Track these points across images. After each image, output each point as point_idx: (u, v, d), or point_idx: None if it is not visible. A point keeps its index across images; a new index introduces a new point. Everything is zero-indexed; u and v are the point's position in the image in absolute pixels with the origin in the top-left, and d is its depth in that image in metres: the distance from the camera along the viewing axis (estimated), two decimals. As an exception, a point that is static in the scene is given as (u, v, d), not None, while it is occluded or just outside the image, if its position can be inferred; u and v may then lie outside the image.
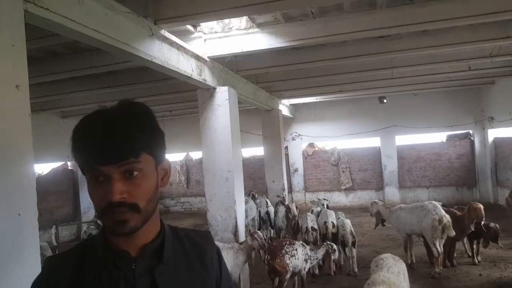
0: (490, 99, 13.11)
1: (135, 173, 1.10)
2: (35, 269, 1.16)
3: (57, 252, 5.19)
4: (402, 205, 7.86)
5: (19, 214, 2.61)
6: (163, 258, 1.21)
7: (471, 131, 14.17)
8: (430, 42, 6.88)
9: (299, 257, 5.95)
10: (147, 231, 1.19)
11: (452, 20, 5.40)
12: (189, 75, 5.74)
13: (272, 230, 9.73)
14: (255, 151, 15.69)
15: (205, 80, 6.29)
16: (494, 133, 13.30)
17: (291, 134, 15.58)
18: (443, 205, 7.22)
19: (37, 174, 12.36)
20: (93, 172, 1.09)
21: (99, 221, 9.87)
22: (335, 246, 6.51)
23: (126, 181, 1.09)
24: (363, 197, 14.90)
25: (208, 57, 6.18)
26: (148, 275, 1.17)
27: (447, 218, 6.60)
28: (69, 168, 13.85)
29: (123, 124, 1.09)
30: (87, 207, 13.75)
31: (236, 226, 6.71)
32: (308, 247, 6.31)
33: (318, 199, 9.85)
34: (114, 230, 1.11)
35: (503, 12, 5.14)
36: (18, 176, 2.66)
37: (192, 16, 4.66)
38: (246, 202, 8.76)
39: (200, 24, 5.90)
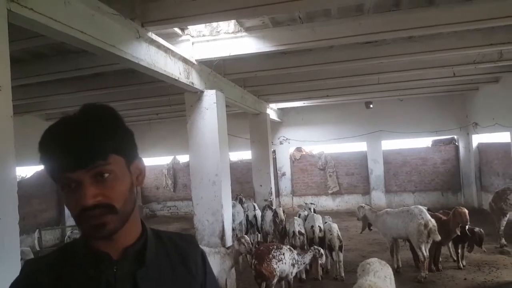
0: (474, 105, 13.31)
1: (106, 175, 1.08)
2: (16, 275, 1.14)
3: (39, 257, 5.07)
4: (389, 209, 7.90)
5: (-1, 218, 2.55)
6: (145, 261, 1.19)
7: (455, 137, 14.35)
8: (416, 48, 6.96)
9: (286, 262, 5.93)
10: (128, 233, 1.17)
11: (438, 27, 5.48)
12: (177, 78, 5.70)
13: (259, 234, 9.71)
14: (243, 155, 15.66)
15: (192, 83, 6.26)
16: (478, 138, 13.48)
17: (278, 138, 15.59)
18: (428, 210, 7.28)
19: (20, 177, 12.14)
20: (64, 180, 1.07)
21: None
22: (322, 251, 6.50)
23: (98, 184, 1.07)
24: (349, 201, 14.96)
25: (196, 60, 6.15)
26: (130, 278, 1.15)
27: (432, 222, 6.65)
28: (54, 171, 13.61)
29: (86, 127, 1.07)
30: (72, 211, 13.51)
31: (223, 231, 6.67)
32: (295, 252, 6.29)
33: (306, 203, 9.86)
34: (92, 234, 1.09)
35: (487, 20, 5.24)
36: (-2, 179, 2.60)
37: (180, 19, 4.64)
38: (233, 206, 8.72)
39: (188, 27, 5.87)
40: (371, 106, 13.37)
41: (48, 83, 7.88)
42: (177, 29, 5.75)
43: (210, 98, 6.76)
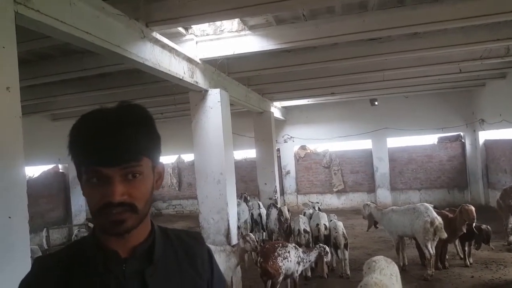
0: (481, 102, 13.22)
1: (136, 175, 1.11)
2: (26, 272, 1.16)
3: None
4: (394, 207, 7.88)
5: (9, 217, 2.58)
6: (153, 259, 1.21)
7: (462, 133, 14.26)
8: (421, 44, 6.92)
9: (292, 260, 5.95)
10: (139, 232, 1.19)
11: (443, 23, 5.45)
12: (181, 77, 5.72)
13: (264, 233, 9.72)
14: (247, 153, 15.67)
15: (197, 83, 6.28)
16: (484, 135, 13.40)
17: (283, 137, 15.59)
18: (434, 207, 7.26)
19: (27, 177, 12.23)
20: (93, 173, 1.09)
21: (90, 224, 9.80)
22: (327, 249, 6.51)
23: (126, 183, 1.09)
24: (355, 199, 14.93)
25: (200, 59, 6.17)
26: (139, 276, 1.17)
27: (439, 220, 6.63)
28: (60, 171, 13.73)
29: (125, 126, 1.09)
30: (78, 210, 13.65)
31: (228, 229, 6.69)
32: (300, 250, 6.30)
33: (311, 202, 9.87)
34: (109, 229, 1.11)
35: (493, 15, 5.20)
36: (8, 178, 2.64)
37: (184, 18, 4.65)
38: (238, 205, 8.75)
39: (192, 26, 5.89)
40: (376, 103, 13.31)
41: (54, 83, 7.94)
42: (181, 29, 5.77)
43: (215, 97, 6.78)
